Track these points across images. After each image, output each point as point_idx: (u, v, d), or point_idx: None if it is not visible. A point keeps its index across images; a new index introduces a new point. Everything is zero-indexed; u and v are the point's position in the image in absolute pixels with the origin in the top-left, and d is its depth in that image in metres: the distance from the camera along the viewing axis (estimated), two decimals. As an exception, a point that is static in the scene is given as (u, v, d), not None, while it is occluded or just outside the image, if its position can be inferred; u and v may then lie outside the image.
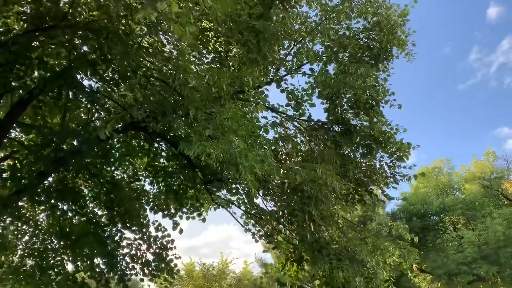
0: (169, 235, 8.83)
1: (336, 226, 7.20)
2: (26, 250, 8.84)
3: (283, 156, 7.60)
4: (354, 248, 7.20)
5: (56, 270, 8.58)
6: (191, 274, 36.61)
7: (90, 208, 8.85)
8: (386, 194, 7.87)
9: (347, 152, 7.76)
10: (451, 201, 25.13)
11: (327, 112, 7.75)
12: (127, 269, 8.62)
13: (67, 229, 8.44)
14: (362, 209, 8.93)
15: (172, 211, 8.92)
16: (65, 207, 8.22)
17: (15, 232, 8.92)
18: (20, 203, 8.56)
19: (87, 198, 8.67)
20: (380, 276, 7.26)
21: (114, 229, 8.70)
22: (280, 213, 7.68)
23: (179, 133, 7.00)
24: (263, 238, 8.57)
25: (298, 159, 7.68)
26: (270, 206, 8.21)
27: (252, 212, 8.42)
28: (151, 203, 9.00)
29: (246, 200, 8.54)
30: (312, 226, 6.51)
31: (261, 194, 7.60)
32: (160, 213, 8.94)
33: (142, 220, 8.73)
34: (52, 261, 8.63)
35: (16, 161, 7.39)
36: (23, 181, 6.72)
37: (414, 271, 22.07)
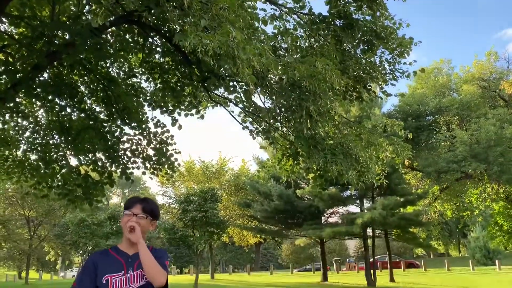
0: (168, 131, 8.99)
1: (333, 123, 7.29)
2: (29, 145, 9.06)
3: (282, 51, 7.43)
4: (349, 143, 7.38)
5: (59, 163, 8.87)
6: (191, 171, 38.18)
7: (88, 105, 8.87)
8: (384, 91, 7.86)
9: (347, 48, 7.57)
10: (447, 101, 25.28)
11: (329, 5, 7.39)
12: (129, 163, 8.92)
13: (67, 124, 8.54)
14: (360, 105, 8.97)
15: (170, 108, 8.96)
16: (63, 103, 8.22)
17: (16, 128, 9.06)
18: (18, 99, 8.58)
19: (84, 94, 8.63)
20: (372, 170, 7.55)
21: (113, 125, 8.82)
22: (278, 110, 7.74)
23: (174, 27, 6.75)
24: (260, 135, 8.75)
25: (297, 55, 7.52)
26: (268, 104, 8.26)
27: (250, 110, 8.48)
28: (149, 100, 9.00)
29: (243, 98, 8.55)
30: (309, 122, 6.58)
31: (258, 91, 7.57)
32: (158, 110, 8.99)
33: (141, 116, 8.81)
34: (55, 155, 8.89)
35: (8, 56, 7.22)
36: (17, 75, 6.61)
37: (406, 166, 22.99)
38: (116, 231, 23.32)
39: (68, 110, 8.61)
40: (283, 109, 7.37)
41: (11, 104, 8.26)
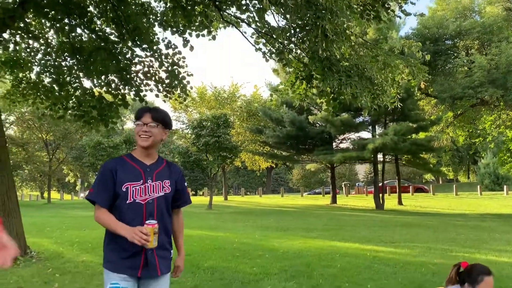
0: (180, 52, 8.85)
1: (349, 43, 7.08)
2: (42, 67, 9.04)
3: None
4: (364, 65, 7.22)
5: (73, 85, 8.91)
6: (204, 97, 38.15)
7: (98, 25, 8.69)
8: (404, 10, 7.51)
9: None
10: (468, 24, 24.16)
11: None
12: (142, 86, 8.91)
13: (78, 46, 8.44)
14: (378, 25, 8.63)
15: (181, 28, 8.73)
16: (72, 23, 8.05)
17: (28, 50, 8.99)
18: (27, 20, 8.42)
19: (94, 14, 8.41)
20: (387, 93, 7.45)
21: (124, 46, 8.69)
22: (292, 30, 7.50)
23: None
24: (273, 56, 8.58)
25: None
26: (282, 24, 7.98)
27: (263, 30, 8.23)
28: (159, 20, 8.77)
29: (256, 18, 8.26)
30: (324, 42, 6.39)
31: (272, 9, 7.30)
32: (169, 31, 8.78)
33: (152, 37, 8.64)
34: (68, 77, 8.90)
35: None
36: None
37: (421, 92, 22.63)
38: (132, 154, 23.98)
39: (79, 31, 8.46)
40: (297, 29, 7.14)
41: (22, 25, 8.13)
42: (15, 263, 6.23)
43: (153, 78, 8.96)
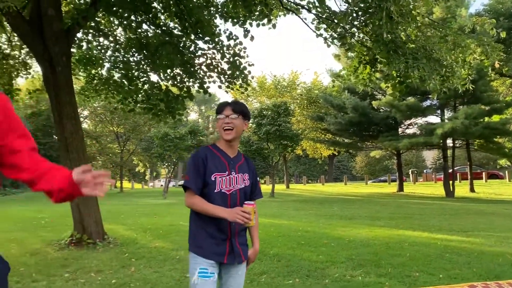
0: (241, 43, 8.95)
1: (415, 24, 6.78)
2: (112, 64, 9.57)
3: None
4: (432, 46, 6.89)
5: (141, 80, 9.35)
6: (263, 86, 38.33)
7: (163, 20, 9.01)
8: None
9: None
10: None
11: None
12: (205, 78, 9.15)
13: (144, 41, 8.81)
14: (446, 3, 8.17)
15: (242, 18, 8.82)
16: (138, 19, 8.41)
17: (99, 47, 9.54)
18: (97, 19, 8.92)
19: (158, 10, 8.73)
20: (457, 75, 7.06)
21: (188, 40, 8.94)
22: (354, 14, 7.31)
23: None
24: (335, 42, 8.42)
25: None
26: (343, 8, 7.80)
27: (324, 16, 8.10)
28: (220, 12, 8.92)
29: (317, 3, 8.14)
30: (389, 24, 6.17)
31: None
32: (230, 23, 8.91)
33: (213, 29, 8.81)
34: (137, 72, 9.34)
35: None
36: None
37: (495, 72, 21.15)
38: (197, 144, 24.66)
39: (145, 26, 8.82)
40: (360, 12, 6.96)
41: (93, 24, 8.64)
42: (94, 248, 6.72)
43: (216, 70, 9.15)
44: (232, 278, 2.29)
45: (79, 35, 8.47)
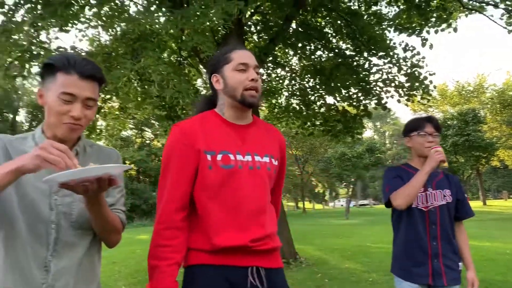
0: (418, 53, 8.48)
1: None
2: (289, 92, 10.16)
3: None
4: None
5: (318, 104, 9.65)
6: (444, 94, 35.33)
7: (335, 43, 9.19)
8: None
9: None
10: None
11: None
12: (382, 93, 8.91)
13: (319, 66, 9.10)
14: None
15: (417, 28, 8.39)
16: (312, 46, 8.76)
17: (277, 78, 10.25)
18: (274, 52, 9.63)
19: (330, 34, 8.95)
20: None
21: (361, 58, 8.91)
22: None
23: None
24: (534, 34, 7.29)
25: None
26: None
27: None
28: (393, 25, 8.65)
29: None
30: None
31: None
32: (404, 34, 8.57)
33: (387, 43, 8.58)
34: (313, 97, 9.69)
35: (263, 15, 8.09)
36: (272, 29, 7.37)
37: None
38: (375, 161, 24.06)
39: (318, 52, 9.12)
40: None
41: (271, 58, 9.35)
42: (288, 267, 7.03)
43: (393, 84, 8.84)
44: None
45: (261, 70, 9.25)
